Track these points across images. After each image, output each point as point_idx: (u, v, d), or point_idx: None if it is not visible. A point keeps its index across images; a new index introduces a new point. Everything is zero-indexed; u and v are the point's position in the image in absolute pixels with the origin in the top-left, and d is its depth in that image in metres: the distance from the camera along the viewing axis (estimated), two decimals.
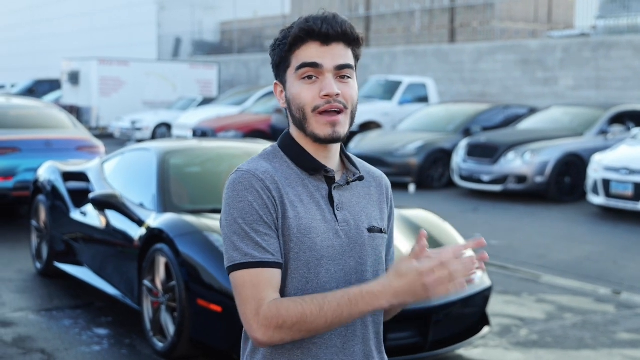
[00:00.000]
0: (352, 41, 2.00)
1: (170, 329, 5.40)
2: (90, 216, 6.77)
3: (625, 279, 8.35)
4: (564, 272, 8.58)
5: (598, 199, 12.06)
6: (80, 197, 7.21)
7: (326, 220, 1.98)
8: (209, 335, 5.18)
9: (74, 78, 26.97)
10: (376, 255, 2.06)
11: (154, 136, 22.99)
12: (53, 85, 32.94)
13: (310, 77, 1.96)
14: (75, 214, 7.07)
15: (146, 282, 5.69)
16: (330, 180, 2.02)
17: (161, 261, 5.54)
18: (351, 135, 17.41)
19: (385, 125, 18.40)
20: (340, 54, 1.97)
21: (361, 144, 15.72)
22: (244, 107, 21.81)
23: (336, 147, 2.05)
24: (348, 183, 2.04)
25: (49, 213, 7.58)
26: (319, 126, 1.95)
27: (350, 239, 2.00)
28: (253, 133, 18.06)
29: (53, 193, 7.59)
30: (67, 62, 28.11)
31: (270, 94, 22.52)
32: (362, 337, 2.03)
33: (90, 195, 6.31)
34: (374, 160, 14.29)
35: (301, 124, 1.98)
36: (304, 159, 2.01)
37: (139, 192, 6.38)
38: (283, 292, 1.94)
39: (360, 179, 2.06)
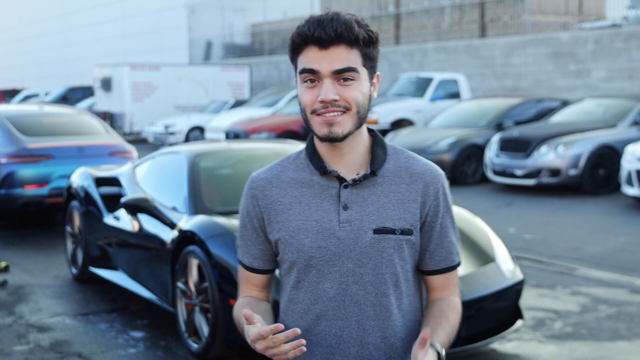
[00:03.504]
0: (354, 41, 1.95)
1: (205, 330, 5.45)
2: (123, 220, 6.85)
3: None
4: (598, 264, 8.51)
5: (632, 190, 11.94)
6: (113, 202, 7.29)
7: (324, 221, 2.00)
8: (242, 335, 5.21)
9: (107, 84, 27.23)
10: (382, 257, 2.00)
11: (187, 140, 23.13)
12: (86, 92, 33.26)
13: (311, 81, 1.97)
14: (109, 219, 7.16)
15: (179, 284, 5.74)
16: (342, 180, 2.03)
17: (193, 263, 5.59)
18: (383, 133, 17.42)
19: (417, 122, 18.36)
20: (340, 57, 1.94)
21: (393, 141, 15.69)
22: (276, 108, 21.89)
23: (350, 144, 2.03)
24: (355, 182, 2.02)
25: (82, 219, 7.68)
26: (317, 126, 1.99)
27: (349, 240, 2.00)
28: (285, 134, 18.11)
29: (86, 199, 7.69)
30: (99, 68, 28.40)
31: None
32: (359, 340, 2.03)
33: (122, 200, 6.38)
34: None
35: (306, 123, 2.03)
36: (313, 159, 2.06)
37: (170, 195, 6.44)
38: (284, 291, 2.11)
39: (366, 177, 2.02)
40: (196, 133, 23.49)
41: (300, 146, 7.29)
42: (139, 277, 6.62)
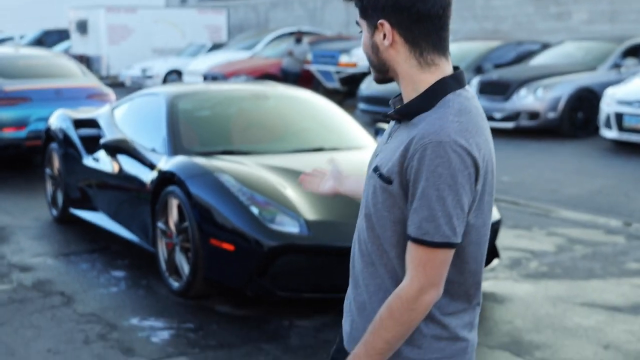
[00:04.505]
0: None
1: (185, 268, 5.51)
2: (102, 162, 6.85)
3: (636, 210, 8.39)
4: (575, 206, 8.63)
5: (611, 133, 12.04)
6: (92, 144, 7.28)
7: (377, 148, 2.17)
8: (222, 273, 5.28)
9: (82, 27, 26.88)
10: (368, 194, 2.07)
11: (164, 84, 22.97)
12: (62, 35, 32.79)
13: None
14: (88, 161, 7.15)
15: (160, 225, 5.78)
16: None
17: (173, 203, 5.62)
18: (362, 75, 17.37)
19: None
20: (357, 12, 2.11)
21: (372, 85, 15.66)
22: (254, 51, 21.73)
23: (401, 88, 2.09)
24: (387, 119, 2.16)
25: (62, 161, 7.66)
26: None
27: (367, 169, 2.15)
28: (264, 77, 18.02)
29: (65, 141, 7.66)
30: (75, 11, 27.98)
31: (279, 37, 22.42)
32: (353, 260, 2.18)
33: (102, 141, 6.37)
34: (385, 100, 14.25)
35: None
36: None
37: (149, 137, 6.44)
38: None
39: (390, 116, 2.10)
40: (174, 77, 23.31)
41: (278, 88, 7.29)
42: (119, 218, 6.64)
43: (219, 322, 5.20)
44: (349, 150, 6.19)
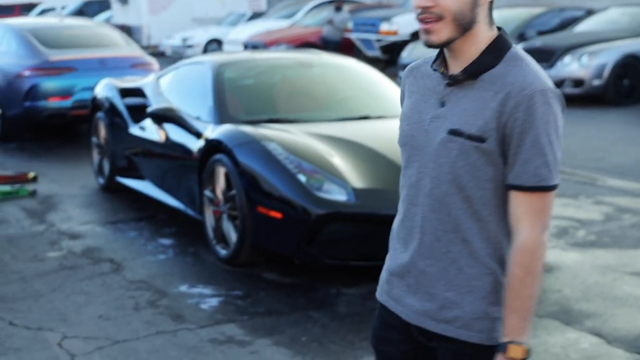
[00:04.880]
0: None
1: (233, 236, 5.54)
2: (149, 131, 6.90)
3: None
4: (621, 175, 8.52)
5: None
6: (138, 113, 7.33)
7: (423, 113, 2.14)
8: (270, 241, 5.31)
9: None
10: (447, 157, 2.07)
11: (205, 53, 23.01)
12: (102, 5, 32.94)
13: None
14: (134, 129, 7.21)
15: (207, 193, 5.82)
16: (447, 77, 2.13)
17: (221, 171, 5.65)
18: (403, 43, 17.23)
19: None
20: None
21: (413, 52, 15.53)
22: (293, 20, 21.66)
23: (460, 48, 2.08)
24: (452, 80, 2.10)
25: (108, 129, 7.73)
26: (420, 33, 2.10)
27: (432, 134, 2.11)
28: (304, 45, 17.97)
29: (111, 110, 7.72)
30: None
31: (319, 5, 22.31)
32: (422, 228, 2.16)
33: (148, 110, 6.42)
34: None
35: None
36: (437, 56, 2.17)
37: (194, 105, 6.47)
38: None
39: (455, 77, 2.08)
40: (214, 46, 23.35)
41: (323, 56, 7.27)
42: (165, 186, 6.70)
43: (266, 290, 5.25)
44: (395, 119, 6.16)
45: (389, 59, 17.76)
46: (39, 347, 4.46)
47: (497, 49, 2.07)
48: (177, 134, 6.34)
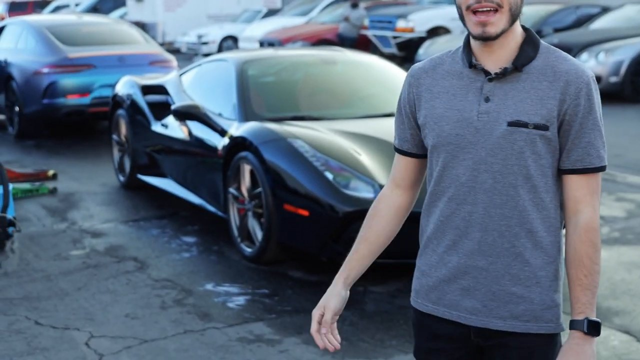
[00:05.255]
0: None
1: (258, 234, 5.53)
2: (171, 128, 6.89)
3: None
4: (639, 171, 8.48)
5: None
6: (160, 110, 7.32)
7: (465, 111, 2.13)
8: (297, 239, 5.29)
9: None
10: (512, 149, 2.09)
11: (220, 50, 22.98)
12: (117, 2, 32.91)
13: None
14: (157, 127, 7.20)
15: (232, 190, 5.80)
16: (488, 73, 2.12)
17: (246, 169, 5.64)
18: (420, 40, 17.19)
19: (454, 30, 18.06)
20: None
21: (430, 49, 15.49)
22: (309, 17, 21.62)
23: (500, 41, 2.10)
24: (497, 76, 2.10)
25: (129, 127, 7.73)
26: (472, 25, 2.07)
27: (485, 130, 2.10)
28: (320, 42, 17.95)
29: (133, 107, 7.72)
30: None
31: (334, 3, 22.27)
32: (484, 226, 2.14)
33: (173, 107, 6.41)
34: None
35: (462, 21, 2.12)
36: (465, 53, 2.16)
37: (218, 103, 6.45)
38: (429, 175, 2.26)
39: (507, 71, 2.09)
40: (229, 43, 23.33)
41: (346, 53, 7.25)
42: (188, 183, 6.69)
43: (293, 288, 5.23)
44: None
45: (405, 55, 17.72)
46: (66, 346, 4.45)
47: (533, 43, 2.12)
48: (201, 131, 6.32)
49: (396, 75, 6.90)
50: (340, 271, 2.38)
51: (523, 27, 2.15)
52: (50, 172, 8.43)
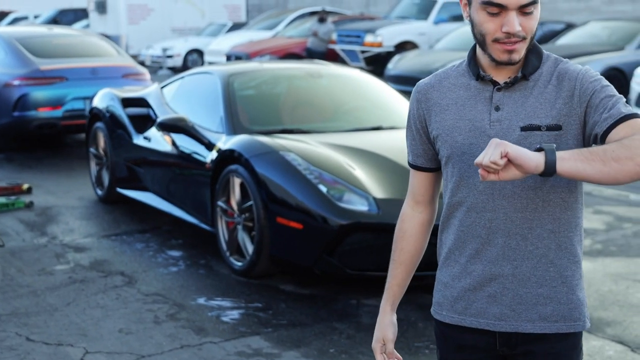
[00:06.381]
0: None
1: (249, 247, 5.49)
2: (155, 141, 6.83)
3: None
4: (615, 185, 8.60)
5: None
6: (141, 123, 7.25)
7: (476, 120, 2.17)
8: (290, 252, 5.27)
9: (101, 6, 26.79)
10: None
11: (185, 63, 22.91)
12: (77, 14, 32.66)
13: (494, 13, 2.08)
14: (138, 139, 7.13)
15: (220, 203, 5.76)
16: (496, 83, 2.18)
17: (236, 182, 5.60)
18: (388, 55, 17.29)
19: (421, 45, 18.22)
20: None
21: (399, 64, 15.60)
22: (275, 31, 21.65)
23: None
24: (507, 85, 2.16)
25: (109, 139, 7.64)
26: (497, 52, 2.12)
27: (498, 137, 2.12)
28: (288, 56, 17.97)
29: (112, 119, 7.64)
30: None
31: (301, 17, 22.34)
32: (506, 231, 2.16)
33: (159, 120, 6.35)
34: (413, 80, 14.20)
35: (481, 45, 2.15)
36: (471, 65, 2.22)
37: (204, 116, 6.41)
38: (445, 186, 2.28)
39: (516, 80, 2.15)
40: (194, 56, 23.27)
41: (330, 66, 7.26)
42: (172, 197, 6.63)
43: (286, 301, 5.20)
44: None
45: (373, 70, 17.80)
46: None
47: (537, 52, 2.18)
48: (188, 144, 6.28)
49: (381, 89, 6.94)
50: (384, 299, 2.43)
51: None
52: (25, 186, 8.30)
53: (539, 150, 1.97)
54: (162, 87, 7.42)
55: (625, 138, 1.98)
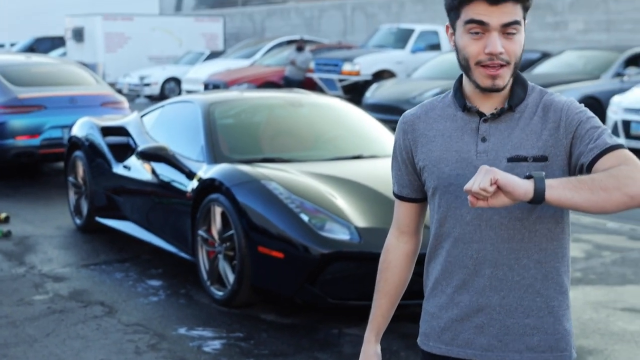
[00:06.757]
0: None
1: (230, 277, 5.47)
2: (135, 170, 6.81)
3: None
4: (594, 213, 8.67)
5: (619, 141, 12.09)
6: (121, 152, 7.23)
7: (463, 152, 2.18)
8: (271, 281, 5.25)
9: (78, 35, 26.79)
10: None
11: (162, 91, 22.91)
12: (54, 42, 32.60)
13: (476, 33, 2.09)
14: (118, 168, 7.10)
15: (201, 232, 5.74)
16: (482, 115, 2.19)
17: (217, 211, 5.59)
18: (366, 83, 17.38)
19: (398, 73, 18.34)
20: (508, 11, 2.07)
21: (377, 92, 15.68)
22: (252, 60, 21.72)
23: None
24: (493, 116, 2.17)
25: (88, 168, 7.61)
26: (480, 77, 2.12)
27: None
28: (266, 85, 18.02)
29: (92, 148, 7.61)
30: (71, 18, 27.89)
31: (278, 46, 22.44)
32: (493, 262, 2.17)
33: (139, 148, 6.34)
34: (391, 108, 14.28)
35: (466, 71, 2.16)
36: (457, 96, 2.23)
37: (185, 144, 6.41)
38: (431, 216, 2.28)
39: (502, 112, 2.16)
40: (171, 84, 23.28)
41: (311, 95, 7.30)
42: (152, 226, 6.60)
43: (267, 331, 5.18)
44: (387, 158, 6.17)
45: (351, 99, 17.90)
46: None
47: (522, 83, 2.19)
48: (169, 173, 6.26)
49: (362, 118, 6.97)
50: (369, 329, 2.43)
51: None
52: (2, 215, 8.23)
53: (528, 177, 1.98)
54: (142, 116, 7.41)
55: (613, 168, 2.00)
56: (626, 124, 12.06)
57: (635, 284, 6.23)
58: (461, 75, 2.23)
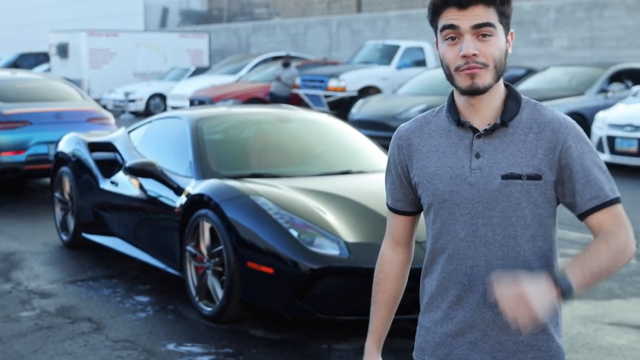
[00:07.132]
0: (491, 1, 2.11)
1: (219, 292, 5.45)
2: (122, 185, 6.78)
3: (637, 232, 8.47)
4: (579, 227, 8.68)
5: (603, 156, 12.19)
6: (108, 167, 7.21)
7: (457, 168, 2.18)
8: (261, 297, 5.24)
9: (63, 50, 26.73)
10: (509, 201, 2.14)
11: (147, 107, 22.88)
12: (39, 58, 32.52)
13: (452, 39, 2.12)
14: (105, 184, 7.07)
15: (189, 248, 5.73)
16: (476, 130, 2.19)
17: (206, 226, 5.58)
18: (351, 99, 17.43)
19: (384, 90, 18.40)
20: (478, 14, 2.10)
21: (363, 108, 15.73)
22: (238, 76, 21.74)
23: (487, 98, 2.17)
24: (487, 132, 2.17)
25: (74, 184, 7.57)
26: (460, 79, 2.13)
27: (479, 185, 2.15)
28: (251, 101, 18.04)
29: (78, 164, 7.58)
30: (55, 34, 27.85)
31: (264, 62, 22.47)
32: (487, 279, 2.16)
33: (127, 164, 6.32)
34: (377, 124, 14.33)
35: (450, 80, 2.17)
36: (451, 111, 2.24)
37: (173, 160, 6.40)
38: (427, 231, 2.29)
39: (496, 127, 2.16)
40: (157, 100, 23.26)
41: (299, 111, 7.31)
42: (139, 241, 6.57)
43: (257, 346, 5.16)
44: (375, 173, 6.20)
45: (336, 115, 17.93)
46: None
47: (515, 98, 2.20)
48: (157, 189, 6.24)
49: (350, 133, 6.98)
50: (369, 341, 2.42)
51: (505, 83, 2.22)
52: None
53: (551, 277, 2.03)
54: (129, 132, 7.40)
55: (608, 235, 2.10)
56: (611, 140, 12.15)
57: (622, 298, 6.26)
58: (451, 93, 2.25)
